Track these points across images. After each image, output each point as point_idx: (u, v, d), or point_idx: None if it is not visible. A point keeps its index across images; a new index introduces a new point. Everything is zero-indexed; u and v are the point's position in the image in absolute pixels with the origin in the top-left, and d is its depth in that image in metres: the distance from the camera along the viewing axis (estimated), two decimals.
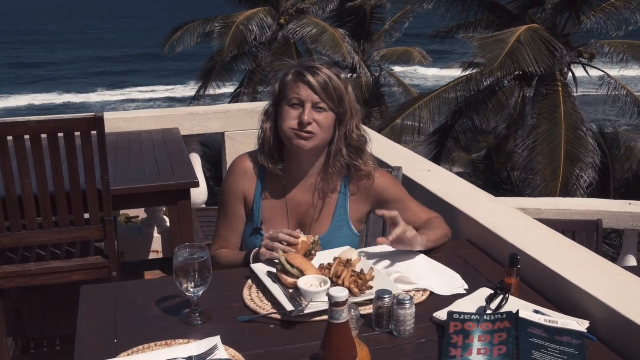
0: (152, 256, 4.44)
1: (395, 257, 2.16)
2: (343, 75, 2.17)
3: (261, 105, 4.57)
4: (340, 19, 18.83)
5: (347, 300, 1.42)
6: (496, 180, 14.66)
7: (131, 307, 1.91)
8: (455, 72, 17.93)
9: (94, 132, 2.78)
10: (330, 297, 1.41)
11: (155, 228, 4.47)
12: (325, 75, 2.11)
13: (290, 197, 2.27)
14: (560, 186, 11.50)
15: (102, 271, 3.02)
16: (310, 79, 2.09)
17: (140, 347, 1.67)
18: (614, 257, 7.90)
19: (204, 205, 4.56)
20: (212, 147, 12.40)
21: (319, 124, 2.11)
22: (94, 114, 2.75)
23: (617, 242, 10.07)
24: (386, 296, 1.74)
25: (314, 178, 2.26)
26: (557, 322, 1.72)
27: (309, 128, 2.10)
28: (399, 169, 2.75)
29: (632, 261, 4.43)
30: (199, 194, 4.33)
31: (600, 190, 12.25)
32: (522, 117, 13.91)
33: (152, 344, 1.68)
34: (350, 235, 2.31)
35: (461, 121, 14.39)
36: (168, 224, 4.46)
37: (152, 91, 41.66)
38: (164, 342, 1.69)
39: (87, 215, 2.96)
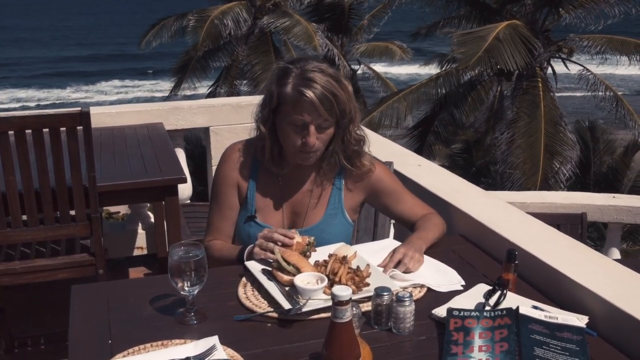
0: (136, 252, 4.38)
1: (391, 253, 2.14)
2: (343, 80, 2.07)
3: (246, 100, 4.58)
4: (318, 13, 18.80)
5: (351, 298, 1.39)
6: (475, 173, 14.77)
7: (124, 306, 1.87)
8: (427, 70, 18.03)
9: (79, 128, 2.73)
10: (333, 295, 1.39)
11: (140, 224, 4.42)
12: (328, 91, 1.99)
13: (284, 185, 2.25)
14: (540, 180, 11.59)
15: (88, 269, 2.97)
16: (314, 98, 1.97)
17: (136, 348, 1.63)
18: (596, 250, 7.98)
19: (189, 201, 4.51)
20: (190, 142, 12.29)
21: (321, 141, 2.08)
22: (79, 109, 2.70)
23: (595, 235, 10.21)
24: (385, 293, 1.72)
25: (310, 167, 2.23)
26: (557, 318, 1.71)
27: (313, 148, 2.07)
28: (390, 164, 2.73)
29: (615, 254, 4.47)
30: (184, 190, 4.28)
31: (580, 183, 12.38)
32: (501, 111, 14.00)
33: (148, 345, 1.64)
34: (345, 224, 2.29)
35: (441, 115, 14.46)
36: (152, 220, 4.41)
37: (126, 86, 41.28)
38: (159, 343, 1.65)
39: (72, 212, 2.91)
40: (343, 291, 1.38)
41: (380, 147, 3.27)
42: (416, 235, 2.17)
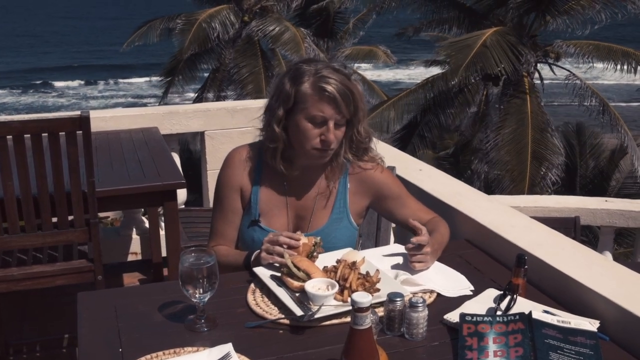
0: (130, 258, 4.34)
1: (399, 258, 2.14)
2: (353, 77, 2.10)
3: (241, 104, 4.55)
4: (304, 18, 18.85)
5: (370, 305, 1.39)
6: (461, 178, 14.81)
7: (132, 313, 1.85)
8: (409, 71, 18.05)
9: (78, 132, 2.70)
10: (353, 302, 1.38)
11: (134, 229, 4.37)
12: (346, 87, 2.02)
13: (289, 188, 2.24)
14: (528, 186, 11.65)
15: (86, 275, 2.93)
16: (335, 93, 2.00)
17: (148, 356, 1.61)
18: None
19: (183, 206, 4.47)
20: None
21: (337, 138, 2.09)
22: (79, 113, 2.67)
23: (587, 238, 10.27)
24: (398, 299, 1.72)
25: (315, 170, 2.23)
26: (569, 323, 1.71)
27: (332, 145, 2.07)
28: (393, 168, 2.72)
29: (608, 257, 4.49)
30: (179, 194, 4.24)
31: (566, 186, 12.46)
32: (487, 115, 14.05)
33: (160, 353, 1.62)
34: (350, 228, 2.28)
35: (426, 119, 14.48)
36: (147, 225, 4.37)
37: (110, 89, 41.09)
38: (172, 351, 1.64)
39: (70, 218, 2.87)
40: (363, 298, 1.38)
41: (381, 151, 3.26)
42: (438, 242, 2.15)
